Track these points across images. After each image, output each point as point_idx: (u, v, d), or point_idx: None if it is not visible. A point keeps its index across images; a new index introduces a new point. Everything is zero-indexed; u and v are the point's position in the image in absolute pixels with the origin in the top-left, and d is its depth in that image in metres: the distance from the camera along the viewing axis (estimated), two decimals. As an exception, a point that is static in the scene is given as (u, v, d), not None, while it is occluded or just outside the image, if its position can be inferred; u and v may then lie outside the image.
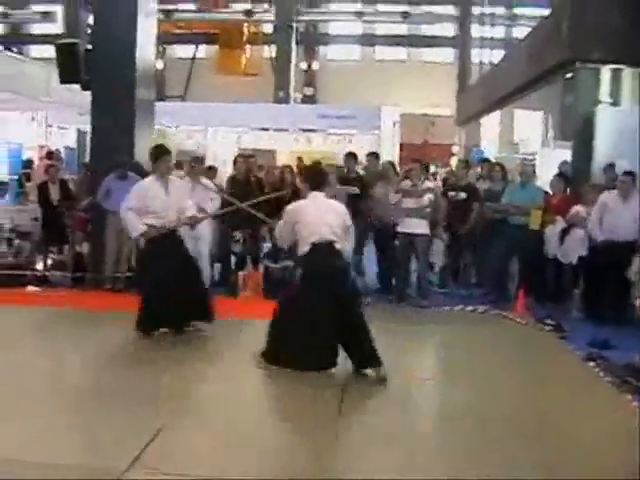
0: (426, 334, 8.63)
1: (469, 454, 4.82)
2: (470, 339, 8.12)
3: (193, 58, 33.65)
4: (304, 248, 6.50)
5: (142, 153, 9.78)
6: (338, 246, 6.54)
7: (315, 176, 6.98)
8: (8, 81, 11.28)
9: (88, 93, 10.72)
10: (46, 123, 19.38)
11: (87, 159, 13.92)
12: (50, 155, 13.93)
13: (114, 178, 9.80)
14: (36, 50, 29.79)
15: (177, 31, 29.92)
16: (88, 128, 12.80)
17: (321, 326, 6.27)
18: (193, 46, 33.59)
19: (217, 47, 31.47)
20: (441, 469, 4.61)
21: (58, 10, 26.89)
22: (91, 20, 23.69)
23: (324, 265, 6.43)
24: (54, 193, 11.04)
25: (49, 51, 25.94)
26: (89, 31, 23.06)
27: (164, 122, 16.59)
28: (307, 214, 6.56)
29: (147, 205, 7.45)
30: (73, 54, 10.95)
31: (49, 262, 11.08)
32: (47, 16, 27.20)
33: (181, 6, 30.37)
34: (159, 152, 7.76)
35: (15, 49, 26.60)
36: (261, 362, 6.55)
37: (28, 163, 14.44)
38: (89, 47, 10.98)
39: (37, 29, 30.75)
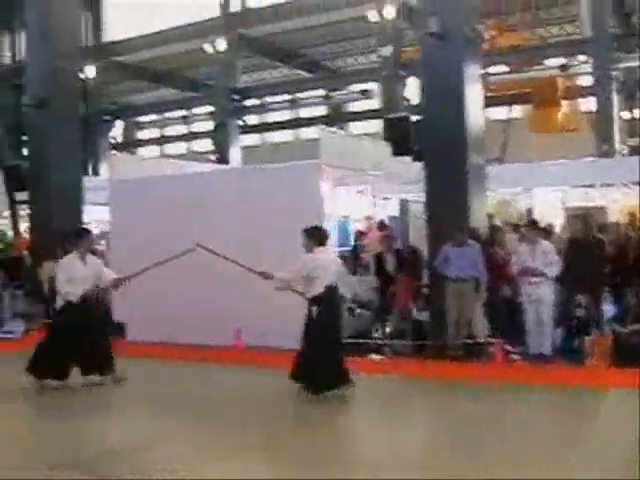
0: None
1: None
2: None
3: (508, 119, 33.38)
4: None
5: (477, 219, 9.68)
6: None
7: None
8: (339, 158, 11.74)
9: (410, 163, 10.93)
10: (372, 195, 20.12)
11: (410, 228, 14.31)
12: (382, 226, 14.31)
13: (452, 245, 9.79)
14: (354, 127, 31.45)
15: (490, 94, 29.88)
16: (410, 197, 13.11)
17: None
18: (506, 107, 33.35)
19: (530, 106, 30.92)
20: None
21: (375, 87, 28.24)
22: (407, 93, 24.84)
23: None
24: (390, 263, 11.29)
25: (368, 127, 27.46)
26: (405, 104, 24.06)
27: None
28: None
29: None
30: (403, 127, 11.24)
31: (387, 330, 11.29)
32: (365, 93, 28.69)
33: (492, 69, 30.41)
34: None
35: (335, 128, 28.44)
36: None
37: (359, 235, 14.97)
38: (417, 119, 11.20)
39: (355, 107, 32.53)
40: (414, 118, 11.60)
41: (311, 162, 11.40)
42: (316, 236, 8.28)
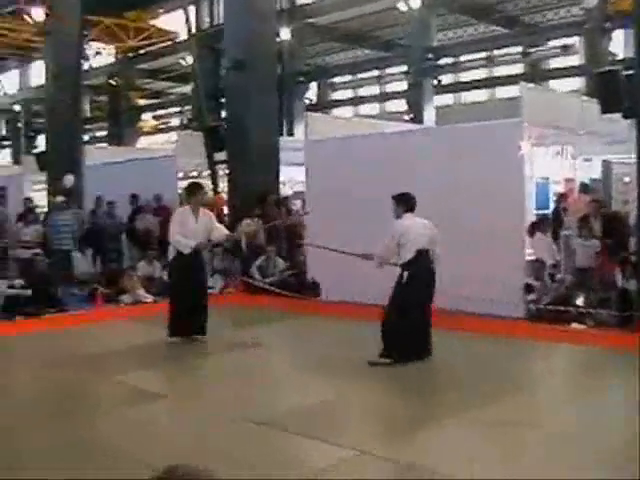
0: None
1: None
2: None
3: None
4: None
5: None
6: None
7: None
8: (541, 116, 11.12)
9: (617, 122, 10.14)
10: (572, 156, 19.11)
11: (613, 191, 13.46)
12: (585, 189, 13.55)
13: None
14: (553, 85, 30.00)
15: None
16: (613, 158, 12.27)
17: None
18: None
19: None
20: None
21: (576, 42, 26.73)
22: (612, 47, 23.28)
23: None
24: (596, 227, 10.63)
25: (568, 84, 26.05)
26: (611, 59, 22.55)
27: None
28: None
29: None
30: (614, 82, 10.46)
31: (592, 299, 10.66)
32: (566, 49, 27.25)
33: None
34: None
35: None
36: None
37: (561, 197, 14.26)
38: (629, 73, 10.39)
39: (555, 63, 30.99)
40: (625, 73, 10.77)
41: (512, 120, 10.92)
42: (405, 202, 8.20)
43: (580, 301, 10.65)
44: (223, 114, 20.66)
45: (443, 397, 6.72)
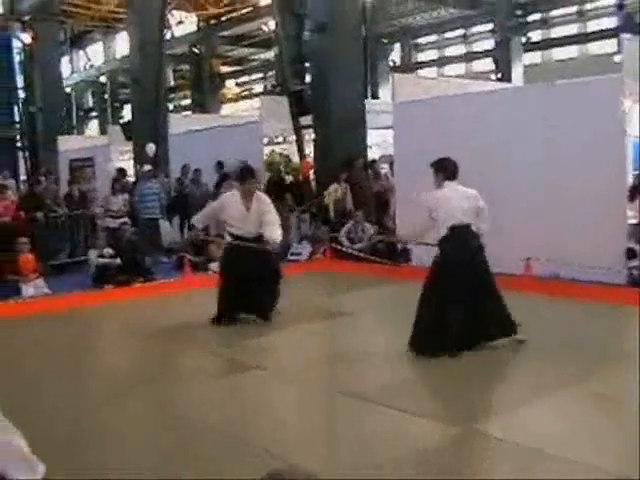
0: None
1: None
2: None
3: None
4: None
5: None
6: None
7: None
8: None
9: None
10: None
11: None
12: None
13: None
14: None
15: None
16: None
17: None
18: None
19: None
20: None
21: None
22: None
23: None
24: None
25: None
26: None
27: None
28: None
29: None
30: None
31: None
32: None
33: None
34: None
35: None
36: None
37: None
38: None
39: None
40: None
41: (612, 76, 10.35)
42: (445, 168, 7.20)
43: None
44: (307, 79, 20.42)
45: (541, 372, 6.34)
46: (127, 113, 33.99)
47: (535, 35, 28.77)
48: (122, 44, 34.42)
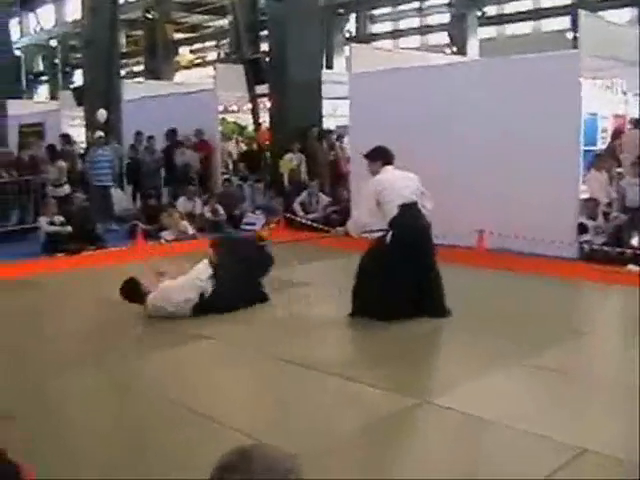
0: None
1: None
2: None
3: None
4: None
5: None
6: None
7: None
8: (598, 48, 10.57)
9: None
10: (622, 91, 18.39)
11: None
12: (638, 124, 13.02)
13: None
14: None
15: None
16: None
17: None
18: None
19: None
20: None
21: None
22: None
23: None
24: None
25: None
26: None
27: None
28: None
29: None
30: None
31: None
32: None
33: None
34: None
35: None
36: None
37: (616, 134, 13.72)
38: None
39: None
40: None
41: (569, 52, 10.42)
42: (384, 155, 7.27)
43: (635, 241, 10.24)
44: (263, 47, 20.22)
45: (493, 345, 6.37)
46: (78, 78, 33.31)
47: (490, 10, 28.86)
48: (74, 7, 33.60)
